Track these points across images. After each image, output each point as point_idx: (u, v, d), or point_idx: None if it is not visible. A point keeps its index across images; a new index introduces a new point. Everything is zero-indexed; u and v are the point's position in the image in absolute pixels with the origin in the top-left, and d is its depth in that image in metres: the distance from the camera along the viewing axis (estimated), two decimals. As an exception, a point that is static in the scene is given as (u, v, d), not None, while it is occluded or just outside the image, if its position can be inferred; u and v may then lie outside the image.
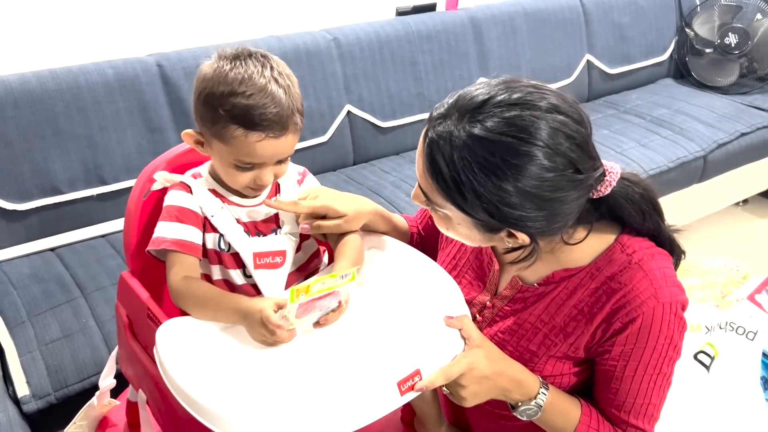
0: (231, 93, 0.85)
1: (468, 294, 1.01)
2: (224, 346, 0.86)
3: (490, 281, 0.99)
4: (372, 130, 2.33)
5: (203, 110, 0.89)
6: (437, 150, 0.80)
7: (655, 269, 0.87)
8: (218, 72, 0.87)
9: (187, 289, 0.91)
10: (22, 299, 1.59)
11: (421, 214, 1.20)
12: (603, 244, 0.91)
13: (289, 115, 0.88)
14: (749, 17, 2.92)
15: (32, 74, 1.80)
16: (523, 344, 0.94)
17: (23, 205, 1.79)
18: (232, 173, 0.92)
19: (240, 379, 0.80)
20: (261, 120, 0.85)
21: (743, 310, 1.96)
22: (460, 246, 1.05)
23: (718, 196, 2.70)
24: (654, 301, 0.85)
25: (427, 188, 0.84)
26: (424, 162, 0.83)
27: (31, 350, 1.47)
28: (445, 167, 0.80)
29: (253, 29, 2.22)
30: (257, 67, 0.87)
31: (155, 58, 1.97)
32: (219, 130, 0.88)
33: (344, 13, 2.41)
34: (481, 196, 0.79)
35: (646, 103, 2.80)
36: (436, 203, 0.85)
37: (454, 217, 0.85)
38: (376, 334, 0.88)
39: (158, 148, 1.92)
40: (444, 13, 2.49)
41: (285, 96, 0.87)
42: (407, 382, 0.79)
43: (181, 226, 0.93)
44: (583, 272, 0.91)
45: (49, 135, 1.79)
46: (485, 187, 0.78)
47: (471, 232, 0.86)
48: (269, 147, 0.88)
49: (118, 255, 1.77)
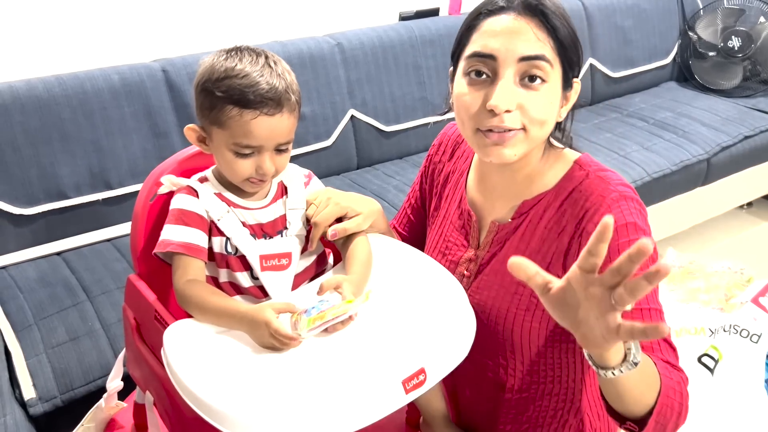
0: (226, 76, 0.89)
1: (455, 255, 1.05)
2: (231, 347, 0.87)
3: (472, 237, 1.04)
4: (375, 134, 2.34)
5: (201, 98, 0.93)
6: (546, 9, 0.87)
7: (612, 177, 0.94)
8: (215, 61, 0.92)
9: (191, 293, 0.91)
10: (29, 303, 1.60)
11: (400, 216, 1.24)
12: (564, 167, 0.97)
13: (283, 92, 0.91)
14: (752, 20, 2.93)
15: (39, 80, 1.81)
16: (508, 279, 0.97)
17: (30, 209, 1.80)
18: (233, 164, 0.93)
19: (247, 379, 0.81)
20: (255, 96, 0.88)
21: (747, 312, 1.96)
22: (443, 216, 1.10)
23: (722, 199, 2.69)
24: (616, 194, 0.91)
25: (542, 51, 0.87)
26: (539, 26, 0.87)
27: (38, 353, 1.48)
28: (559, 22, 0.88)
29: (257, 34, 2.24)
30: (252, 56, 0.92)
31: (160, 63, 1.98)
32: (216, 115, 0.91)
33: (348, 19, 2.42)
34: (576, 43, 0.91)
35: (649, 106, 2.80)
36: (542, 72, 0.87)
37: (549, 86, 0.89)
38: (380, 332, 0.88)
39: (164, 153, 1.93)
40: (447, 18, 2.51)
41: (278, 77, 0.91)
42: (412, 381, 0.80)
43: (187, 229, 0.94)
44: (549, 194, 0.97)
45: (56, 140, 1.81)
46: (577, 33, 0.91)
47: (553, 98, 0.90)
48: (265, 125, 0.90)
49: (124, 259, 1.78)
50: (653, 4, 2.95)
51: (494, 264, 1.00)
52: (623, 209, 0.89)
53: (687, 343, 1.89)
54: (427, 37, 2.39)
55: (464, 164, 1.10)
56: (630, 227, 0.88)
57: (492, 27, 0.88)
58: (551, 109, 0.90)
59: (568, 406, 1.02)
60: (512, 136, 0.89)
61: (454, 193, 1.09)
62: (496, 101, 0.86)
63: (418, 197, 1.20)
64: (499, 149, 0.90)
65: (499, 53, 0.87)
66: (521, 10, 0.88)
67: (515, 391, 1.02)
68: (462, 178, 1.09)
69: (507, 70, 0.87)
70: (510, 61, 0.87)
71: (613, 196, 0.90)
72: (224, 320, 0.89)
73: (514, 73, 0.87)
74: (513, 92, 0.87)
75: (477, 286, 1.01)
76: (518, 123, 0.88)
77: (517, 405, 1.03)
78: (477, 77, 0.89)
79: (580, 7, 2.77)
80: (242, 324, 0.87)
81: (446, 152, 1.15)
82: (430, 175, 1.16)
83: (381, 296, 0.95)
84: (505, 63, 0.87)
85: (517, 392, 1.02)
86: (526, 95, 0.87)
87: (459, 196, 1.08)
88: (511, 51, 0.86)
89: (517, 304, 0.96)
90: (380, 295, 0.95)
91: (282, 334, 0.83)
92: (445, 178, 1.13)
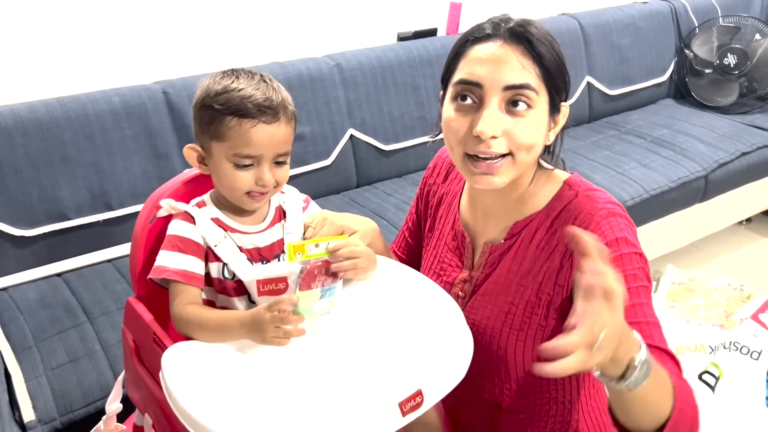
0: (224, 91, 0.93)
1: (449, 276, 1.06)
2: (229, 370, 0.87)
3: (466, 257, 1.05)
4: (375, 153, 2.36)
5: (201, 114, 0.95)
6: (531, 37, 0.89)
7: (601, 196, 0.95)
8: (212, 81, 0.95)
9: (189, 314, 0.93)
10: (29, 324, 1.60)
11: (399, 241, 1.25)
12: (554, 187, 0.99)
13: (280, 102, 0.94)
14: (748, 38, 2.95)
15: (41, 103, 1.83)
16: (501, 299, 0.98)
17: (31, 230, 1.81)
18: (233, 177, 0.94)
19: (245, 403, 0.81)
20: (253, 106, 0.91)
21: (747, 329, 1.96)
22: (438, 238, 1.11)
23: (720, 215, 2.70)
24: (605, 212, 0.92)
25: (527, 80, 0.88)
26: (525, 54, 0.89)
27: (38, 375, 1.48)
28: (544, 49, 0.89)
29: (257, 56, 2.26)
30: (247, 74, 0.96)
31: (161, 85, 2.00)
32: (216, 128, 0.93)
33: (346, 39, 2.45)
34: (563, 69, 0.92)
35: (646, 123, 2.82)
36: (527, 99, 0.89)
37: (535, 112, 0.90)
38: (376, 353, 0.88)
39: (164, 174, 1.95)
40: (445, 38, 2.53)
41: (274, 91, 0.94)
42: (409, 403, 0.80)
43: (183, 256, 0.95)
44: (540, 215, 0.98)
45: (57, 162, 1.82)
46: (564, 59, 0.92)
47: (540, 123, 0.91)
48: (264, 133, 0.92)
49: (124, 279, 1.79)
50: (649, 22, 2.98)
51: (488, 284, 1.01)
52: (612, 225, 0.90)
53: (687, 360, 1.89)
54: (425, 57, 2.41)
55: (457, 186, 1.11)
56: (621, 241, 0.89)
57: (478, 54, 0.90)
58: (538, 134, 0.91)
59: (565, 427, 1.02)
60: (500, 165, 0.90)
61: (447, 215, 1.11)
62: (482, 128, 0.88)
63: (414, 220, 1.21)
64: (488, 177, 0.91)
65: (485, 81, 0.89)
66: (507, 37, 0.89)
67: (512, 412, 1.02)
68: (455, 200, 1.10)
69: (492, 98, 0.89)
70: (495, 89, 0.88)
71: (602, 213, 0.92)
72: (225, 332, 0.90)
73: (499, 100, 0.89)
74: (499, 119, 0.88)
75: (472, 307, 1.02)
76: (505, 148, 0.90)
77: (515, 426, 1.03)
78: (464, 103, 0.91)
79: (577, 26, 2.79)
80: (243, 327, 0.87)
81: (440, 174, 1.16)
82: (425, 198, 1.18)
83: (378, 317, 0.95)
84: (491, 91, 0.89)
85: (514, 413, 1.02)
86: (512, 122, 0.89)
87: (453, 217, 1.09)
88: (496, 79, 0.88)
89: (510, 323, 0.97)
90: (376, 316, 0.95)
91: (280, 303, 0.84)
92: (439, 199, 1.14)
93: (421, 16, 2.58)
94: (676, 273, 2.41)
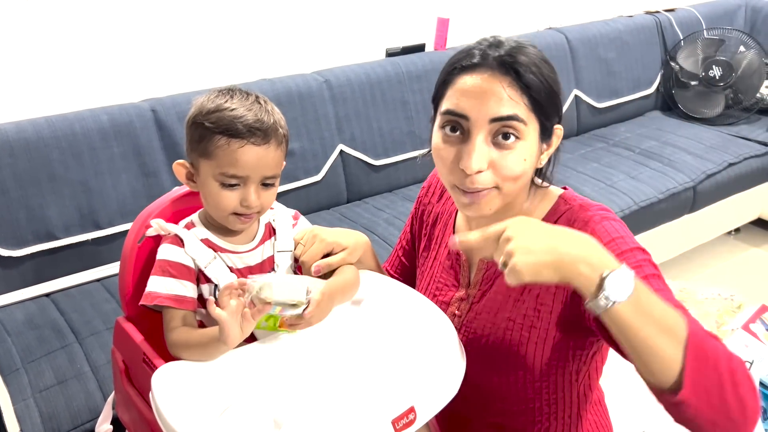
0: (217, 109, 0.92)
1: (446, 296, 1.05)
2: (220, 390, 0.86)
3: (463, 276, 1.04)
4: (365, 168, 2.36)
5: (191, 131, 0.95)
6: (520, 67, 0.87)
7: (594, 205, 0.95)
8: (207, 98, 0.95)
9: (177, 338, 0.93)
10: (17, 346, 1.58)
11: (392, 260, 1.25)
12: (549, 203, 0.98)
13: (271, 124, 0.94)
14: (732, 50, 2.99)
15: (28, 122, 1.82)
16: (500, 316, 0.97)
17: (18, 251, 1.79)
18: (219, 196, 0.94)
19: (236, 423, 0.80)
20: (243, 127, 0.91)
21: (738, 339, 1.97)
22: (433, 258, 1.10)
23: (709, 226, 2.72)
24: (598, 217, 0.91)
25: (514, 111, 0.87)
26: (512, 85, 0.87)
27: (25, 398, 1.46)
28: (534, 78, 0.87)
29: (246, 73, 2.27)
30: (242, 95, 0.96)
31: (149, 103, 2.00)
32: (205, 146, 0.93)
33: (335, 56, 2.46)
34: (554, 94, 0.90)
35: (634, 135, 2.84)
36: (515, 131, 0.87)
37: (523, 143, 0.88)
38: (369, 370, 0.88)
39: (153, 192, 1.94)
40: (433, 53, 2.55)
41: (267, 113, 0.94)
42: (402, 420, 0.79)
43: (173, 281, 0.95)
44: None
45: (45, 181, 1.81)
46: (556, 84, 0.91)
47: (528, 154, 0.90)
48: (252, 155, 0.92)
49: (113, 299, 1.77)
50: (635, 36, 3.01)
51: (485, 302, 1.00)
52: (607, 228, 0.90)
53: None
54: (413, 73, 2.43)
55: (452, 206, 1.11)
56: (618, 241, 0.88)
57: (464, 86, 0.88)
58: (525, 165, 0.90)
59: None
60: (485, 195, 0.90)
61: (443, 234, 1.10)
62: (466, 163, 0.87)
63: (409, 239, 1.21)
64: (475, 206, 0.91)
65: (471, 113, 0.87)
66: (495, 67, 0.87)
67: (511, 430, 1.01)
68: (450, 219, 1.10)
69: (479, 131, 0.87)
70: (481, 123, 0.87)
71: (595, 219, 0.91)
72: (209, 347, 0.89)
73: (486, 133, 0.87)
74: (484, 153, 0.87)
75: (468, 325, 1.01)
76: (490, 182, 0.89)
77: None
78: (452, 133, 0.90)
79: (564, 40, 2.82)
80: (221, 334, 0.85)
81: (435, 194, 1.16)
82: (420, 217, 1.18)
83: (368, 333, 0.95)
84: (477, 124, 0.87)
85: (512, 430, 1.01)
86: (499, 155, 0.88)
87: (448, 237, 1.09)
88: (483, 112, 0.86)
89: (509, 339, 0.96)
90: (368, 332, 0.95)
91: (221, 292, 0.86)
92: (435, 219, 1.14)
93: (409, 31, 2.60)
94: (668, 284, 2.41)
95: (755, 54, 2.90)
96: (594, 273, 0.72)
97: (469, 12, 2.73)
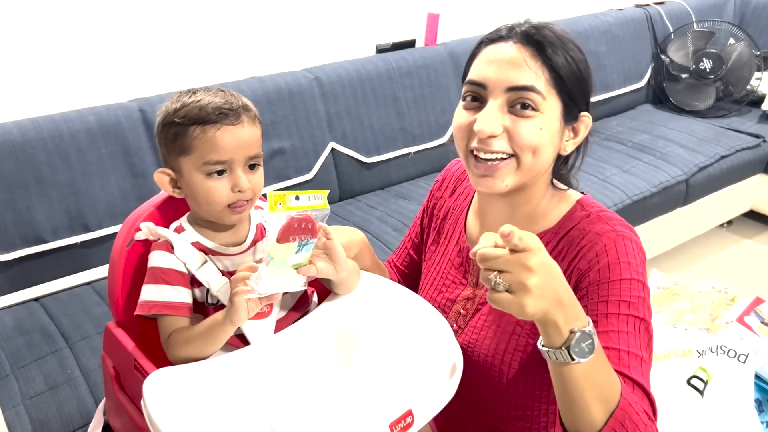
0: (183, 105, 0.92)
1: (452, 293, 1.04)
2: (213, 396, 0.85)
3: (471, 274, 1.03)
4: (357, 166, 2.34)
5: (164, 134, 0.94)
6: (544, 40, 0.87)
7: (613, 217, 0.93)
8: (170, 101, 0.95)
9: (176, 339, 0.91)
10: (6, 352, 1.56)
11: (400, 252, 1.22)
12: (566, 207, 0.97)
13: (241, 105, 0.93)
14: (722, 42, 2.99)
15: (13, 124, 1.79)
16: (506, 319, 0.96)
17: (6, 255, 1.77)
18: (209, 190, 0.92)
19: (230, 429, 0.79)
20: (213, 111, 0.90)
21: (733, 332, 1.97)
22: (442, 253, 1.09)
23: (702, 218, 2.72)
24: (614, 234, 0.90)
25: (532, 83, 0.86)
26: (534, 57, 0.87)
27: (15, 405, 1.43)
28: (558, 53, 0.88)
29: (235, 71, 2.24)
30: (205, 89, 0.96)
31: (137, 103, 1.97)
32: (181, 142, 0.92)
33: (325, 53, 2.44)
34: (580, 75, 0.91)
35: (626, 129, 2.84)
36: (533, 103, 0.87)
37: (542, 116, 0.88)
38: (366, 374, 0.87)
39: (142, 193, 1.91)
40: (423, 49, 2.53)
41: (234, 97, 0.94)
42: (399, 423, 0.78)
43: (168, 288, 0.93)
44: (549, 233, 0.96)
45: (32, 184, 1.78)
46: (584, 66, 0.92)
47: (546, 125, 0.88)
48: (229, 136, 0.91)
49: (104, 302, 1.75)
50: (625, 29, 3.01)
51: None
52: (619, 247, 0.88)
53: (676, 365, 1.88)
54: (404, 69, 2.41)
55: (464, 202, 1.10)
56: (623, 266, 0.87)
57: (488, 55, 0.90)
58: (543, 137, 0.88)
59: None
60: (502, 167, 0.89)
61: (453, 230, 1.09)
62: (480, 125, 0.87)
63: (418, 233, 1.20)
64: (489, 180, 0.90)
65: (489, 82, 0.88)
66: (520, 38, 0.89)
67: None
68: (462, 216, 1.08)
69: (495, 98, 0.88)
70: (498, 91, 0.88)
71: (611, 235, 0.89)
72: (214, 330, 0.88)
73: (502, 101, 0.88)
74: (497, 118, 0.87)
75: (474, 326, 0.99)
76: (507, 148, 0.88)
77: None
78: (472, 102, 0.91)
79: (554, 34, 2.81)
80: (224, 317, 0.86)
81: (448, 188, 1.15)
82: (431, 210, 1.16)
83: (367, 336, 0.94)
84: (494, 92, 0.88)
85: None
86: (514, 121, 0.88)
87: (458, 233, 1.07)
88: (500, 81, 0.87)
89: (514, 344, 0.94)
90: (366, 335, 0.94)
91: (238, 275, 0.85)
92: (445, 214, 1.12)
93: (399, 27, 2.58)
94: (661, 277, 2.41)
95: (745, 46, 2.90)
96: (565, 326, 0.73)
97: (460, 7, 2.72)
